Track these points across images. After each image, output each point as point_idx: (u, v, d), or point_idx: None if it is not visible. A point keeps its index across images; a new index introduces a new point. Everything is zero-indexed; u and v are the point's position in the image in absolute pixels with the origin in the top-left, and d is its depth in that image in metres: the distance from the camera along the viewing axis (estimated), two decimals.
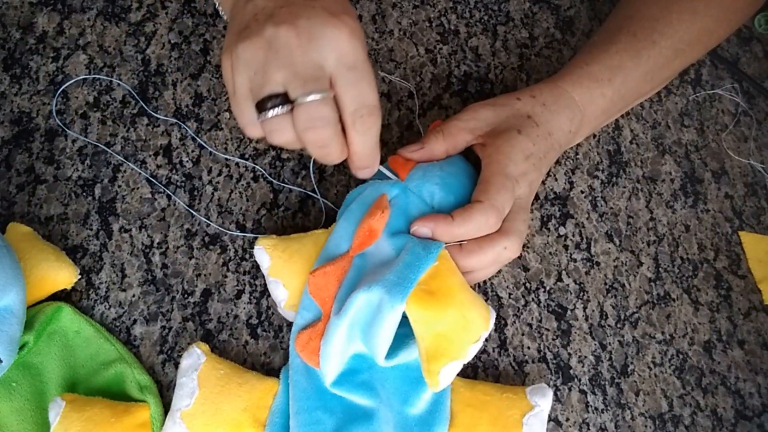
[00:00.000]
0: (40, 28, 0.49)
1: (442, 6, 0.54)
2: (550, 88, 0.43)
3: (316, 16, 0.33)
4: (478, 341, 0.36)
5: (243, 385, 0.38)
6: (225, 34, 0.50)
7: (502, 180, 0.39)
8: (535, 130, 0.41)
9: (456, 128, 0.42)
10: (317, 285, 0.38)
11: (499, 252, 0.38)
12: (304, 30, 0.32)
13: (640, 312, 0.46)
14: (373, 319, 0.35)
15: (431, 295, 0.35)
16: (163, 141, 0.47)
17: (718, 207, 0.51)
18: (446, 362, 0.35)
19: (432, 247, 0.37)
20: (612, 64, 0.44)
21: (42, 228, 0.43)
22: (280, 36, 0.32)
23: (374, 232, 0.38)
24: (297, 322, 0.39)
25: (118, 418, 0.36)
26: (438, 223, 0.38)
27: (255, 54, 0.33)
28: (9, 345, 0.36)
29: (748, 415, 0.44)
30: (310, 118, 0.33)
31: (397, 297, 0.34)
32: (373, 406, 0.38)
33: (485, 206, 0.37)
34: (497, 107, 0.43)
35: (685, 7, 0.45)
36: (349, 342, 0.37)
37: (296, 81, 0.32)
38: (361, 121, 0.34)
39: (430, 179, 0.40)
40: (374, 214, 0.38)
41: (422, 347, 0.35)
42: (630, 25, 0.45)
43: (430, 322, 0.35)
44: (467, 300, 0.36)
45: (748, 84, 0.55)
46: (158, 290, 0.43)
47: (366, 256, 0.39)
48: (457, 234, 0.37)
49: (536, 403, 0.39)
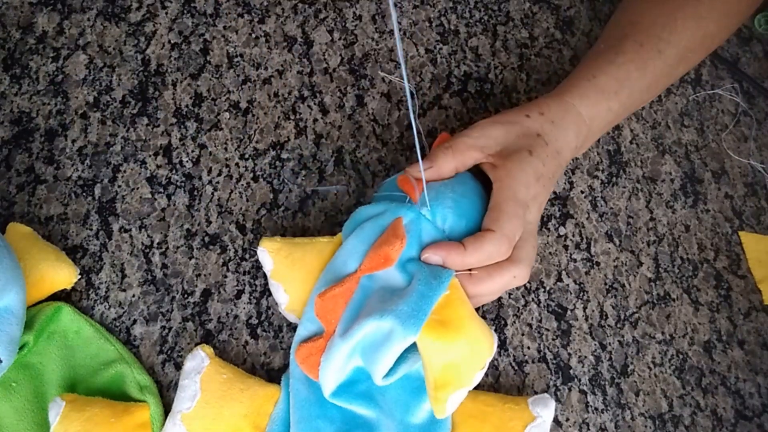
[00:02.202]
0: (40, 28, 0.49)
1: (442, 6, 0.54)
2: (558, 103, 0.43)
3: None
4: (483, 368, 0.36)
5: (245, 390, 0.38)
6: (224, 34, 0.50)
7: (513, 207, 0.38)
8: (545, 149, 0.41)
9: (465, 145, 0.41)
10: (325, 308, 0.38)
11: (509, 280, 0.38)
12: None
13: (640, 312, 0.46)
14: (380, 345, 0.35)
15: (443, 326, 0.35)
16: (163, 141, 0.47)
17: (718, 207, 0.51)
18: (454, 390, 0.35)
19: (443, 275, 0.36)
20: (618, 76, 0.43)
21: (42, 228, 0.43)
22: None
23: (390, 261, 0.37)
24: (299, 333, 0.39)
25: (118, 418, 0.36)
26: (449, 251, 0.37)
27: None
28: (9, 345, 0.36)
29: (748, 415, 0.44)
30: None
31: (411, 329, 0.33)
32: (373, 416, 0.38)
33: (497, 236, 0.37)
34: (507, 125, 0.41)
35: (689, 13, 0.44)
36: (350, 360, 0.37)
37: None
38: None
39: (443, 201, 0.39)
40: (392, 243, 0.37)
41: (430, 377, 0.35)
42: (636, 33, 0.44)
43: (440, 352, 0.34)
44: (476, 328, 0.36)
45: (748, 84, 0.55)
46: (158, 290, 0.43)
47: (373, 278, 0.38)
48: (468, 263, 0.37)
49: (538, 414, 0.38)
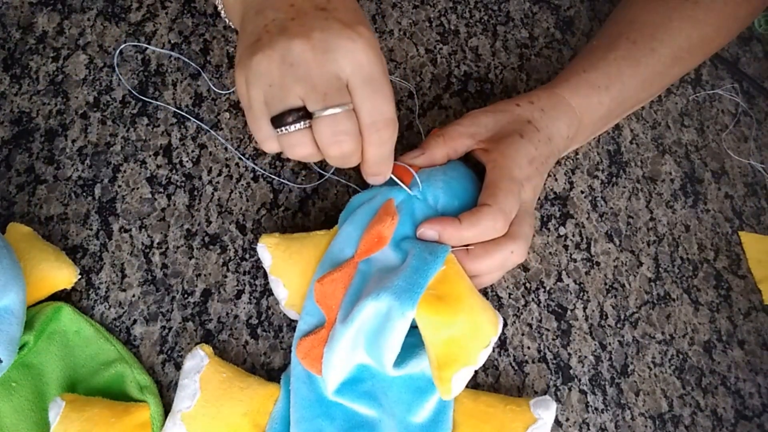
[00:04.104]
0: (40, 28, 0.49)
1: (442, 6, 0.54)
2: (548, 95, 0.43)
3: (330, 28, 0.32)
4: (488, 346, 0.36)
5: (245, 389, 0.38)
6: (224, 34, 0.50)
7: (508, 184, 0.38)
8: (536, 134, 0.41)
9: (456, 133, 0.42)
10: (324, 293, 0.38)
11: (506, 256, 0.38)
12: (319, 42, 0.32)
13: (640, 312, 0.46)
14: (381, 328, 0.35)
15: (441, 300, 0.35)
16: (163, 141, 0.47)
17: (718, 207, 0.51)
18: (458, 368, 0.34)
19: (439, 251, 0.36)
20: (610, 72, 0.44)
21: (42, 228, 0.43)
22: (294, 49, 0.32)
23: (383, 239, 0.38)
24: (300, 328, 0.39)
25: (118, 418, 0.36)
26: (445, 226, 0.37)
27: (270, 68, 0.32)
28: (9, 345, 0.36)
29: (748, 415, 0.44)
30: (333, 131, 0.33)
31: (408, 303, 0.33)
32: (375, 415, 0.38)
33: (493, 210, 0.37)
34: (497, 113, 0.42)
35: (685, 15, 0.45)
36: (354, 350, 0.36)
37: (315, 94, 0.32)
38: (378, 134, 0.34)
39: (434, 183, 0.40)
40: (384, 220, 0.37)
41: (433, 354, 0.35)
42: (630, 32, 0.45)
43: (440, 328, 0.34)
44: (477, 304, 0.36)
45: (748, 84, 0.55)
46: (158, 290, 0.43)
47: (371, 261, 0.38)
48: (465, 237, 0.37)
49: (539, 416, 0.38)
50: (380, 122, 0.33)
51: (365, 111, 0.33)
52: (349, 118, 0.33)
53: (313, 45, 0.32)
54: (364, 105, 0.33)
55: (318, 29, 0.32)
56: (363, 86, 0.32)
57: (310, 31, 0.32)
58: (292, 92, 0.32)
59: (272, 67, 0.32)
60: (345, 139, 0.33)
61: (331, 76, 0.32)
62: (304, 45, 0.32)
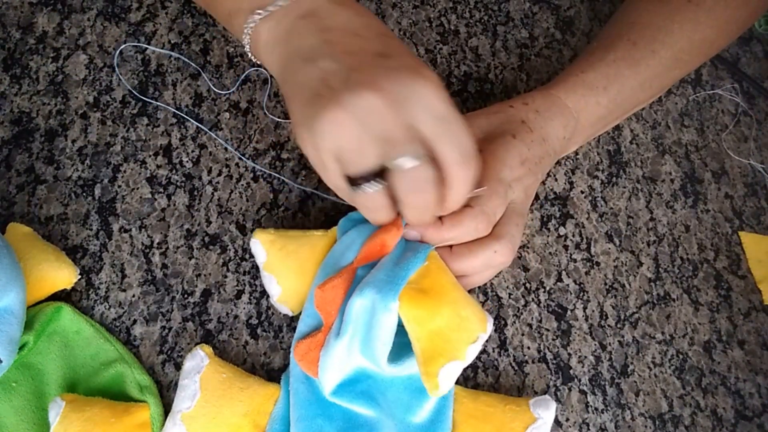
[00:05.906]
0: (40, 28, 0.49)
1: (442, 6, 0.54)
2: (543, 96, 0.43)
3: (398, 77, 0.30)
4: (476, 342, 0.36)
5: (245, 390, 0.38)
6: (224, 34, 0.50)
7: (494, 185, 0.38)
8: (529, 135, 0.41)
9: None
10: (325, 299, 0.38)
11: (490, 256, 0.38)
12: (390, 94, 0.29)
13: (640, 312, 0.46)
14: (370, 324, 0.35)
15: (423, 293, 0.35)
16: (163, 141, 0.47)
17: (718, 207, 0.51)
18: (444, 362, 0.34)
19: (421, 248, 0.36)
20: (608, 72, 0.44)
21: (42, 228, 0.43)
22: (364, 105, 0.29)
23: (386, 248, 0.38)
24: (299, 329, 0.39)
25: (118, 418, 0.36)
26: (427, 227, 0.37)
27: (341, 130, 0.30)
28: (9, 345, 0.36)
29: (748, 415, 0.44)
30: (414, 183, 0.31)
31: (389, 295, 0.33)
32: (374, 415, 0.38)
33: (475, 211, 0.37)
34: (490, 115, 0.42)
35: (687, 17, 0.45)
36: (350, 354, 0.36)
37: (393, 151, 0.30)
38: (466, 168, 0.32)
39: None
40: (389, 230, 0.37)
41: (418, 349, 0.34)
42: (630, 33, 0.45)
43: (424, 321, 0.34)
44: (461, 298, 0.36)
45: (748, 84, 0.55)
46: (158, 290, 0.43)
47: (368, 267, 0.38)
48: (447, 238, 0.37)
49: (539, 416, 0.38)
50: (467, 156, 0.32)
51: (448, 150, 0.31)
52: (429, 166, 0.31)
53: (383, 96, 0.29)
54: (446, 145, 0.31)
55: (385, 78, 0.29)
56: (441, 126, 0.30)
57: (376, 81, 0.29)
58: (369, 154, 0.30)
59: (343, 128, 0.30)
60: (427, 189, 0.31)
61: (406, 128, 0.30)
62: (375, 98, 0.29)
